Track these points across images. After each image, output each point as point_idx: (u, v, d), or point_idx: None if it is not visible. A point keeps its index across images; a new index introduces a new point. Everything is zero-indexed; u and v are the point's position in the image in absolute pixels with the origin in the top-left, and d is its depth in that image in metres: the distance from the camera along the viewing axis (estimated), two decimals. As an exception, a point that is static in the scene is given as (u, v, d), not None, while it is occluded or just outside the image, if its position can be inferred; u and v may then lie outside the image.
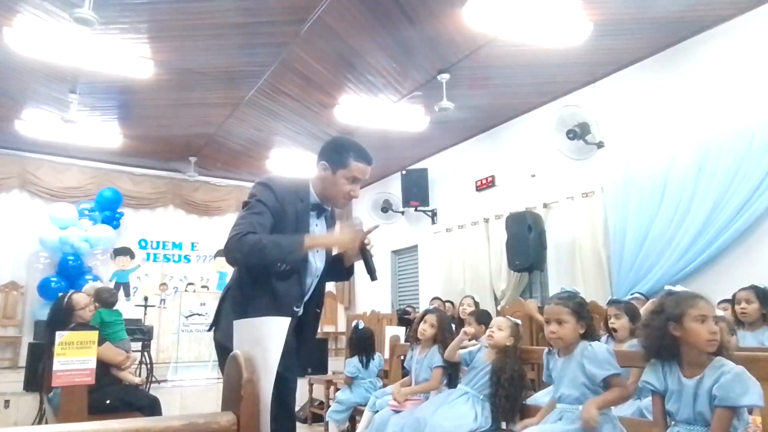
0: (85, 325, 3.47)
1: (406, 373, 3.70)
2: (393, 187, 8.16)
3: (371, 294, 8.88)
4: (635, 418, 2.34)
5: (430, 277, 7.55)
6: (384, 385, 4.19)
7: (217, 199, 8.86)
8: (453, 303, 5.85)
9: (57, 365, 2.85)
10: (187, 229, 8.71)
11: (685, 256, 4.49)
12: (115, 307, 4.45)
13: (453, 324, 4.78)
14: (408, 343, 3.90)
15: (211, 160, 8.03)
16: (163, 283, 8.31)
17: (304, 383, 5.85)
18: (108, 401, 3.36)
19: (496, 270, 6.34)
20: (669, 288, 1.98)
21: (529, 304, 4.61)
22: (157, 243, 8.45)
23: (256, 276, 2.06)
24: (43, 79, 5.42)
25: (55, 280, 7.07)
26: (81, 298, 3.62)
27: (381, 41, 4.79)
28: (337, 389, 4.86)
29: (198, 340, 7.54)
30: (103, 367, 3.35)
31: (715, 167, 4.38)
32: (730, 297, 3.40)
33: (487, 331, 2.98)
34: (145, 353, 6.03)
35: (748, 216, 4.16)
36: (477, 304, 4.70)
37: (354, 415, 4.29)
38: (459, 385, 3.02)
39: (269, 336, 2.02)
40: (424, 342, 3.41)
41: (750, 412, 1.81)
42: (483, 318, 3.79)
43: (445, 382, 3.26)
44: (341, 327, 8.91)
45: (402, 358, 3.94)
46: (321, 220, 2.27)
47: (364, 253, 2.24)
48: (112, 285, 7.78)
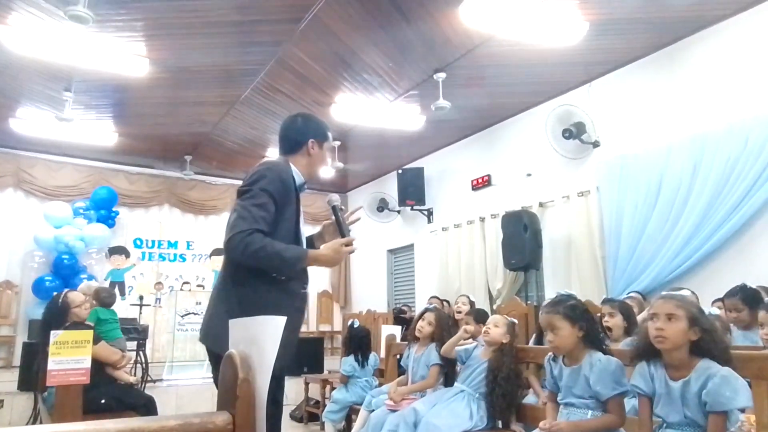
0: (80, 324, 3.46)
1: (402, 372, 3.70)
2: (389, 187, 8.16)
3: (367, 293, 8.90)
4: (629, 417, 2.34)
5: (426, 276, 7.56)
6: (380, 384, 4.19)
7: (212, 198, 8.84)
8: (449, 302, 5.86)
9: (52, 365, 2.84)
10: (183, 228, 8.69)
11: (679, 255, 4.52)
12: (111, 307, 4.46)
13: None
14: (405, 342, 3.89)
15: (207, 158, 8.01)
16: (159, 282, 8.29)
17: (300, 382, 5.84)
18: (103, 401, 3.35)
19: (492, 269, 6.36)
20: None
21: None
22: (153, 242, 8.43)
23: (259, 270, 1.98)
24: (38, 77, 5.39)
25: (49, 279, 7.04)
26: (76, 296, 3.61)
27: (377, 40, 4.79)
28: (333, 388, 4.86)
29: (193, 340, 7.51)
30: (98, 366, 3.33)
31: (710, 166, 4.40)
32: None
33: (484, 328, 2.98)
34: (141, 352, 6.02)
35: (743, 214, 4.19)
36: (472, 303, 4.70)
37: (350, 414, 4.29)
38: (455, 384, 3.02)
39: (265, 335, 2.02)
40: (422, 340, 3.42)
41: (742, 411, 1.82)
42: (481, 317, 3.79)
43: (441, 381, 3.26)
44: (337, 326, 8.91)
45: (398, 356, 3.95)
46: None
47: (340, 226, 2.20)
48: (107, 284, 7.76)
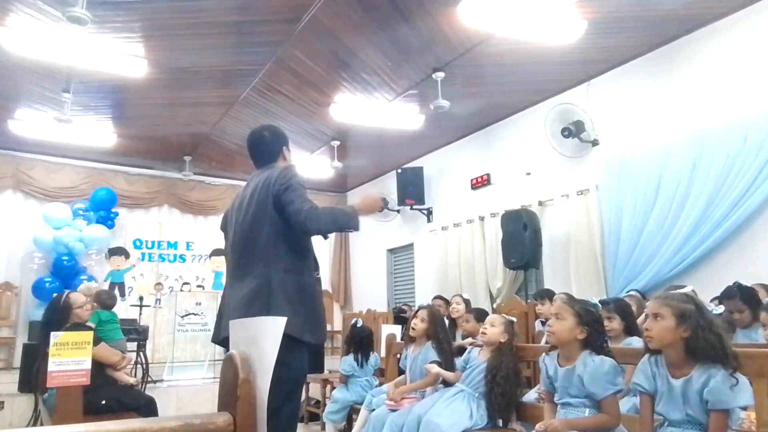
0: (81, 325, 3.46)
1: (401, 372, 3.70)
2: (388, 186, 8.16)
3: (367, 293, 8.90)
4: (629, 415, 2.35)
5: (426, 275, 7.56)
6: (380, 384, 4.20)
7: (212, 198, 8.83)
8: (449, 301, 5.84)
9: (52, 366, 2.84)
10: (183, 228, 8.69)
11: (679, 253, 4.52)
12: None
13: (447, 321, 4.80)
14: (403, 341, 3.88)
15: (206, 159, 8.01)
16: (159, 283, 8.29)
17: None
18: (103, 402, 3.34)
19: (491, 268, 6.36)
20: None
21: None
22: (152, 243, 8.43)
23: (300, 252, 2.28)
24: (37, 79, 5.39)
25: (49, 280, 7.03)
26: (78, 297, 3.61)
27: (376, 40, 4.79)
28: (333, 388, 4.86)
29: (194, 340, 7.53)
30: (99, 367, 3.33)
31: (709, 164, 4.40)
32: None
33: (481, 329, 2.98)
34: (141, 353, 6.02)
35: (742, 212, 4.19)
36: (467, 302, 4.70)
37: (350, 414, 4.30)
38: (456, 383, 3.02)
39: (265, 336, 2.03)
40: (418, 339, 3.42)
41: (744, 409, 1.83)
42: (481, 316, 3.80)
43: (441, 379, 3.26)
44: (337, 326, 8.91)
45: (398, 356, 3.95)
46: None
47: None
48: (107, 285, 7.76)
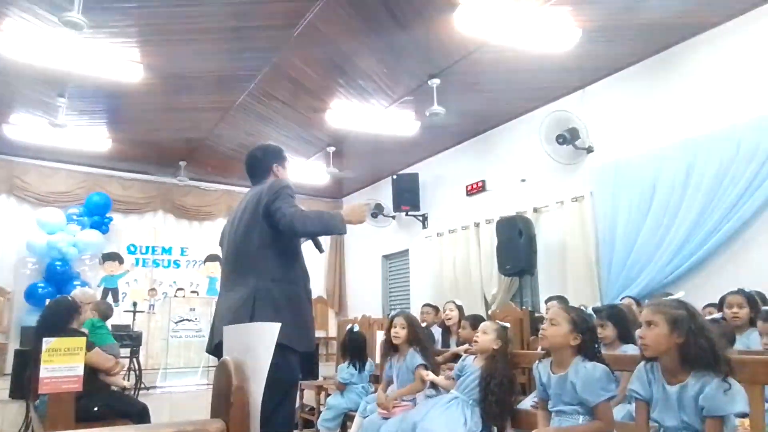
0: (74, 331, 3.44)
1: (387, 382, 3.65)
2: (384, 192, 8.17)
3: (362, 299, 8.88)
4: (624, 422, 2.35)
5: (421, 281, 7.55)
6: (375, 390, 4.17)
7: (207, 204, 8.82)
8: (438, 309, 5.83)
9: (44, 372, 2.82)
10: (177, 234, 8.66)
11: (673, 260, 4.53)
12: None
13: (440, 329, 4.79)
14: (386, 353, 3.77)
15: (202, 164, 8.00)
16: (152, 289, 8.25)
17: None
18: (96, 408, 3.31)
19: (486, 274, 6.36)
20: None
21: None
22: (147, 248, 8.39)
23: (289, 263, 2.37)
24: (32, 83, 5.37)
25: (42, 285, 6.99)
26: (83, 295, 3.63)
27: (372, 46, 4.80)
28: (327, 395, 4.84)
29: (188, 346, 7.48)
30: (92, 373, 3.31)
31: (703, 172, 4.43)
32: (717, 301, 3.42)
33: (474, 337, 2.98)
34: (134, 359, 5.98)
35: (736, 220, 4.21)
36: (460, 309, 4.69)
37: (345, 421, 4.27)
38: (450, 390, 3.01)
39: (259, 343, 2.02)
40: (401, 347, 3.41)
41: (739, 416, 1.82)
42: (478, 323, 3.78)
43: (429, 384, 3.24)
44: (332, 332, 8.88)
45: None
46: None
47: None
48: (100, 291, 7.73)
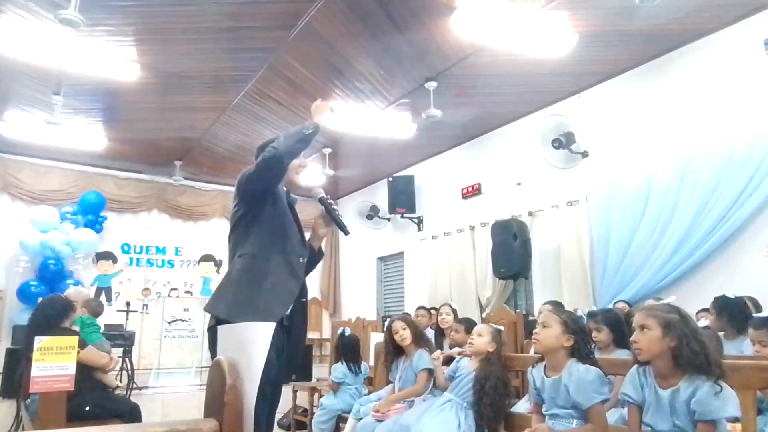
0: (66, 329, 3.42)
1: (389, 383, 3.65)
2: (379, 194, 8.17)
3: (356, 300, 8.88)
4: (617, 426, 2.35)
5: (416, 284, 7.55)
6: (369, 392, 4.17)
7: (202, 203, 8.79)
8: (438, 310, 5.83)
9: (35, 371, 2.80)
10: (171, 233, 8.63)
11: (667, 265, 4.55)
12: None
13: (433, 332, 4.79)
14: (388, 356, 3.75)
15: (197, 164, 7.98)
16: (146, 288, 8.21)
17: (288, 390, 5.80)
18: (87, 408, 3.29)
19: (481, 277, 6.37)
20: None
21: None
22: (141, 247, 8.36)
23: (262, 236, 2.24)
24: (27, 81, 5.35)
25: (35, 284, 6.94)
26: (77, 294, 3.60)
27: (369, 48, 4.81)
28: (321, 396, 4.83)
29: (181, 346, 7.44)
30: (84, 373, 3.29)
31: (697, 178, 4.45)
32: (709, 306, 3.43)
33: (468, 339, 2.98)
34: (127, 359, 5.95)
35: (729, 226, 4.23)
36: (455, 312, 4.70)
37: (338, 423, 4.26)
38: (444, 393, 3.01)
39: (254, 342, 2.01)
40: (407, 348, 3.40)
41: (731, 420, 1.83)
42: (471, 326, 3.78)
43: (430, 388, 3.24)
44: (326, 333, 8.87)
45: (387, 367, 3.92)
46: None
47: (330, 212, 2.45)
48: (93, 290, 7.69)
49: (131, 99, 5.79)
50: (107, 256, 8.00)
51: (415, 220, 7.67)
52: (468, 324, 3.90)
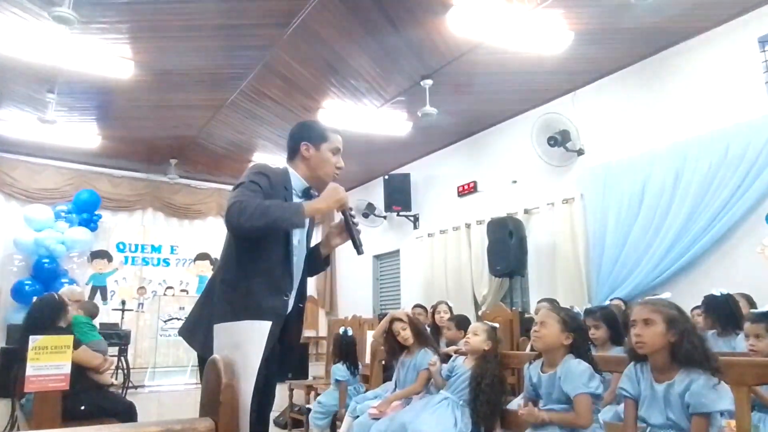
0: (61, 328, 3.41)
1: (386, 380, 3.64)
2: (375, 192, 8.16)
3: (353, 299, 8.87)
4: (612, 422, 2.36)
5: (412, 282, 7.56)
6: (365, 390, 4.17)
7: (197, 202, 8.77)
8: (427, 309, 5.82)
9: (30, 370, 2.79)
10: (167, 232, 8.61)
11: (662, 262, 4.57)
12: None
13: (429, 330, 4.79)
14: (389, 353, 3.74)
15: (193, 162, 7.96)
16: (142, 287, 8.19)
17: (285, 388, 5.80)
18: (83, 407, 3.28)
19: (477, 275, 6.38)
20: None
21: None
22: (136, 246, 8.33)
23: (250, 266, 1.98)
24: (20, 78, 5.32)
25: (29, 283, 6.91)
26: (71, 293, 3.58)
27: (365, 46, 4.80)
28: (317, 394, 4.82)
29: (176, 345, 7.44)
30: (79, 372, 3.28)
31: (692, 175, 4.47)
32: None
33: (465, 338, 2.98)
34: (122, 358, 5.94)
35: (724, 223, 4.26)
36: (451, 310, 4.70)
37: (334, 421, 4.26)
38: (440, 391, 3.02)
39: (249, 341, 2.00)
40: (411, 347, 3.39)
41: (722, 414, 1.84)
42: (463, 323, 3.79)
43: (429, 386, 3.24)
44: (322, 332, 8.87)
45: (383, 362, 3.92)
46: None
47: (349, 227, 2.18)
48: (88, 289, 7.66)
49: (126, 97, 5.76)
50: (102, 255, 7.97)
51: (411, 218, 7.67)
52: (459, 321, 3.90)
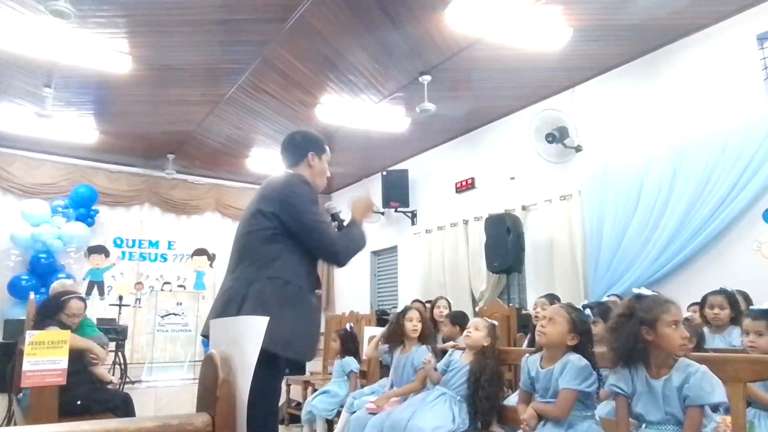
0: (62, 323, 3.41)
1: (382, 368, 3.65)
2: (373, 188, 8.14)
3: (350, 295, 8.88)
4: (608, 418, 2.37)
5: (410, 278, 7.57)
6: (363, 386, 4.17)
7: (195, 197, 8.75)
8: (431, 304, 5.84)
9: (27, 365, 2.78)
10: (164, 227, 8.60)
11: (659, 259, 4.59)
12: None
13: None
14: (387, 344, 3.76)
15: (190, 158, 7.94)
16: (139, 282, 8.18)
17: (282, 384, 5.80)
18: (79, 402, 3.28)
19: (474, 271, 6.39)
20: (637, 291, 1.95)
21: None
22: (133, 241, 8.32)
23: (298, 267, 2.17)
24: (18, 73, 5.29)
25: (26, 278, 6.90)
26: (77, 308, 3.55)
27: (363, 42, 4.79)
28: (314, 390, 4.83)
29: (174, 340, 7.45)
30: (76, 366, 3.28)
31: (689, 172, 4.48)
32: (700, 300, 3.46)
33: (465, 332, 2.99)
34: (119, 353, 5.94)
35: (721, 220, 4.27)
36: (449, 305, 4.72)
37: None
38: (437, 387, 3.02)
39: (247, 336, 2.00)
40: (409, 341, 3.39)
41: (714, 410, 1.85)
42: (458, 319, 3.80)
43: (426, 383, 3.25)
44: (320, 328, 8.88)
45: (380, 359, 3.93)
46: None
47: (337, 222, 2.41)
48: (86, 284, 7.65)
49: (123, 92, 5.74)
50: (99, 250, 7.96)
51: (409, 214, 7.68)
52: (454, 317, 3.91)
